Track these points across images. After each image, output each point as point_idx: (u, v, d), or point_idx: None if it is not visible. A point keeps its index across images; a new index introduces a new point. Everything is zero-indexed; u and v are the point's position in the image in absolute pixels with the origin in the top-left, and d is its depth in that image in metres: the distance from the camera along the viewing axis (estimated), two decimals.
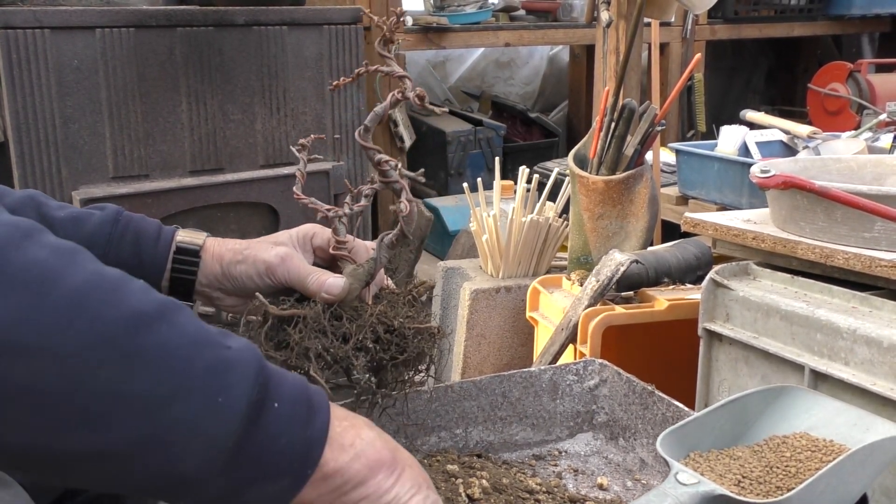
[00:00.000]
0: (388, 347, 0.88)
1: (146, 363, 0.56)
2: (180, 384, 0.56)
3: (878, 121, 2.77)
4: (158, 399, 0.56)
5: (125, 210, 0.97)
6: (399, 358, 0.88)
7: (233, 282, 0.95)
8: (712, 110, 4.16)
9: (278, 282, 0.93)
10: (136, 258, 0.94)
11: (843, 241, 1.14)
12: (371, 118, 0.90)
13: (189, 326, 0.59)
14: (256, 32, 2.01)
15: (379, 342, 0.87)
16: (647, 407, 1.07)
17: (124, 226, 0.94)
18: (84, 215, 0.94)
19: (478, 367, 1.77)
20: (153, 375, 0.56)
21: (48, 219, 0.91)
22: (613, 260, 1.41)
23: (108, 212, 0.95)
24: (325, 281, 0.90)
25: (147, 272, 0.94)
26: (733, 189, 2.42)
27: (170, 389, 0.56)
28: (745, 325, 1.16)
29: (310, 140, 0.96)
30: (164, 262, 0.95)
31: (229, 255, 0.95)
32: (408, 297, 0.93)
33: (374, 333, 0.87)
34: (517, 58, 4.54)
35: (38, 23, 1.78)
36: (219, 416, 0.57)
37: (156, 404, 0.56)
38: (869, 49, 4.71)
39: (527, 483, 1.00)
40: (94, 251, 0.89)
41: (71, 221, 0.92)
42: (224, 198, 1.98)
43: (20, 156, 1.81)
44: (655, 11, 1.95)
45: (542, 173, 2.02)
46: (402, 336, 0.88)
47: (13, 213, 0.89)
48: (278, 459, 0.59)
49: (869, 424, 0.87)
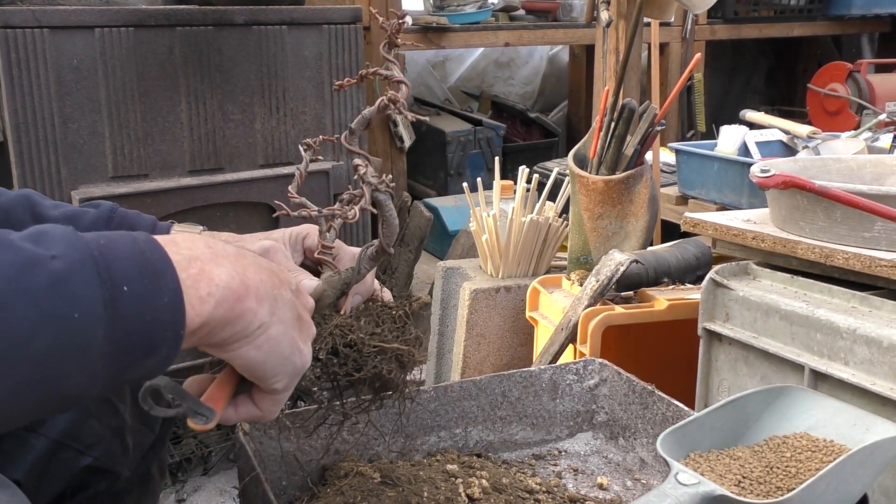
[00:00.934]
0: (344, 362, 0.81)
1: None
2: (31, 319, 0.54)
3: (878, 121, 2.77)
4: (18, 341, 0.54)
5: (119, 207, 0.97)
6: (354, 376, 0.81)
7: None
8: (712, 110, 4.16)
9: None
10: None
11: (842, 240, 1.14)
12: (358, 121, 0.88)
13: (5, 256, 0.55)
14: (256, 32, 2.01)
15: (336, 355, 0.81)
16: (647, 407, 1.07)
17: (119, 222, 0.94)
18: (79, 213, 0.94)
19: (477, 366, 1.77)
20: (1, 324, 0.54)
21: (43, 218, 0.92)
22: (613, 260, 1.40)
23: (102, 209, 0.95)
24: (299, 282, 0.86)
25: None
26: (733, 189, 2.42)
27: (25, 328, 0.54)
28: (744, 324, 1.16)
29: (317, 141, 0.93)
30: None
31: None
32: (399, 312, 0.88)
33: (332, 345, 0.81)
34: (517, 58, 4.54)
35: (37, 22, 1.77)
36: (81, 330, 0.56)
37: (17, 346, 0.54)
38: (868, 49, 4.71)
39: (526, 483, 1.00)
40: None
41: (65, 220, 0.92)
42: (223, 197, 1.98)
43: (19, 155, 1.81)
44: (655, 11, 1.94)
45: (542, 173, 2.02)
46: (360, 352, 0.82)
47: (8, 213, 0.89)
48: (148, 336, 0.59)
49: (869, 424, 0.87)
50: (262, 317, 0.66)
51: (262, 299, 0.66)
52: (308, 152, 0.93)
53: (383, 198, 0.85)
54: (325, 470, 0.98)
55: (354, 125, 0.87)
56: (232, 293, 0.64)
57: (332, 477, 0.95)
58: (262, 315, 0.66)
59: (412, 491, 0.91)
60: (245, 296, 0.65)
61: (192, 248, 0.65)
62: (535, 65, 4.57)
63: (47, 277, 0.55)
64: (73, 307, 0.56)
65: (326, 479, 0.96)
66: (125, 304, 0.58)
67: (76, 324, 0.56)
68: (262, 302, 0.66)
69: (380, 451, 1.03)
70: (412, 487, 0.91)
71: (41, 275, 0.55)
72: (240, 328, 0.65)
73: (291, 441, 0.97)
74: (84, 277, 0.57)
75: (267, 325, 0.67)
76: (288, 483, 0.97)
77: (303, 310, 0.73)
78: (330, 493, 0.91)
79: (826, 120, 3.45)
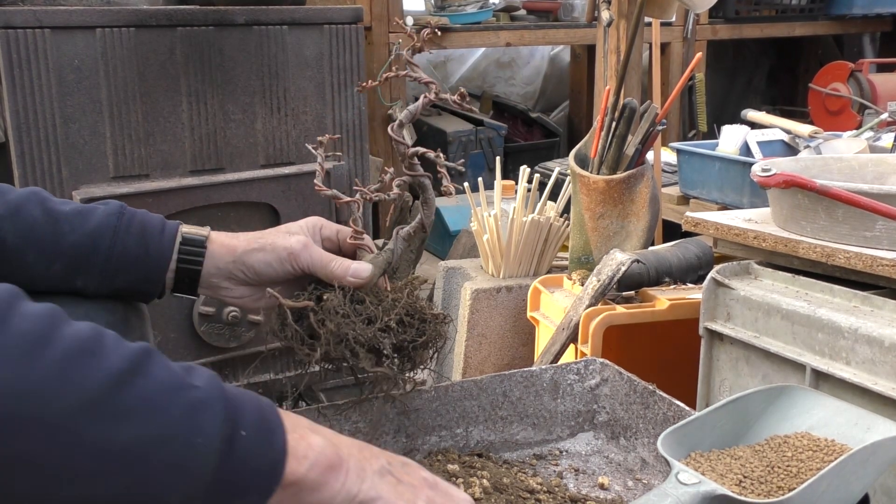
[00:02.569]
0: (408, 330, 0.92)
1: (128, 418, 0.60)
2: (161, 432, 0.60)
3: (880, 120, 2.76)
4: (142, 449, 0.60)
5: (128, 206, 0.98)
6: (419, 340, 0.92)
7: (248, 270, 0.96)
8: (713, 110, 4.16)
9: (300, 268, 0.95)
10: (143, 249, 0.94)
11: (844, 240, 1.14)
12: (405, 115, 1.00)
13: (161, 373, 0.63)
14: (257, 32, 2.01)
15: (401, 324, 0.91)
16: (648, 406, 1.07)
17: (129, 218, 0.95)
18: (89, 209, 0.95)
19: (479, 366, 1.77)
20: (136, 428, 0.60)
21: (54, 213, 0.92)
22: (614, 259, 1.40)
23: (111, 206, 0.96)
24: (349, 266, 0.93)
25: (153, 264, 0.95)
26: (734, 189, 2.42)
27: (152, 438, 0.60)
28: (746, 324, 1.16)
29: (326, 138, 1.01)
30: (170, 253, 0.96)
31: (244, 244, 0.97)
32: (407, 288, 0.96)
33: (398, 316, 0.91)
34: (518, 58, 4.53)
35: (38, 22, 1.77)
36: (197, 455, 0.61)
37: (140, 454, 0.60)
38: (870, 49, 4.70)
39: (527, 483, 0.99)
40: (101, 243, 0.92)
41: (76, 216, 0.93)
42: (224, 197, 1.98)
43: (20, 155, 1.81)
44: (656, 11, 1.94)
45: (543, 173, 2.02)
46: (422, 319, 0.93)
47: (17, 209, 0.90)
48: (248, 480, 0.64)
49: (870, 424, 0.87)
50: (349, 488, 0.69)
51: (351, 471, 0.70)
52: (320, 149, 1.00)
53: (427, 182, 1.00)
54: None
55: (403, 118, 1.00)
56: (325, 458, 0.68)
57: None
58: (349, 485, 0.69)
59: None
60: (338, 465, 0.69)
61: (297, 419, 0.71)
62: (536, 65, 4.57)
63: (187, 403, 0.63)
64: (197, 433, 0.62)
65: None
66: (238, 446, 0.64)
67: (195, 448, 0.62)
68: (351, 474, 0.70)
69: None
70: None
71: (183, 401, 0.63)
72: (327, 496, 0.68)
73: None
74: (213, 410, 0.63)
75: (354, 494, 0.69)
76: None
77: (415, 479, 0.75)
78: None
79: (828, 119, 3.44)
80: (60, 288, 0.92)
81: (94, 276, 0.92)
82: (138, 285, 0.96)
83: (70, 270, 0.92)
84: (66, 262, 0.91)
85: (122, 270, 0.93)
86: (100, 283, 0.93)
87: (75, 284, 0.93)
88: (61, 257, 0.91)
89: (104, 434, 0.59)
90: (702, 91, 3.74)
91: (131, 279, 0.94)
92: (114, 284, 0.94)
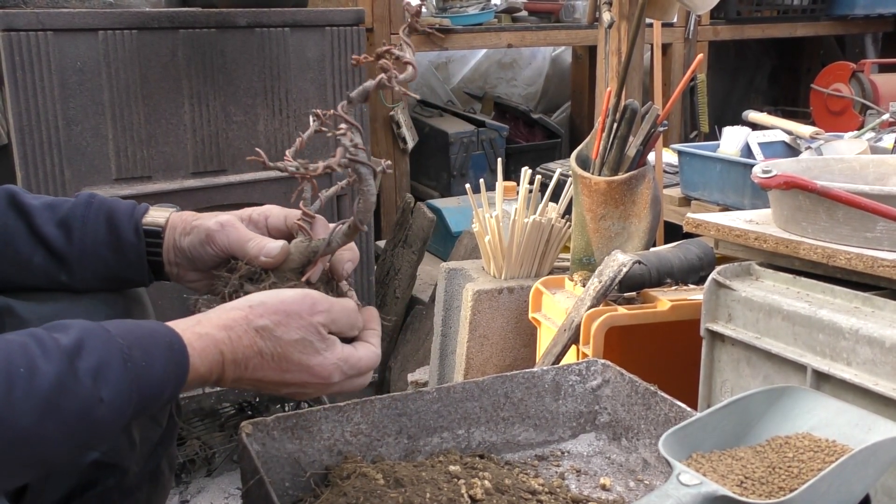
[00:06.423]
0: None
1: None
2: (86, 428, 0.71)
3: (881, 121, 2.76)
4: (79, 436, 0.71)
5: (98, 194, 0.97)
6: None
7: (180, 254, 0.95)
8: (715, 111, 4.15)
9: (219, 249, 0.92)
10: (114, 237, 0.94)
11: (845, 241, 1.14)
12: (358, 92, 0.86)
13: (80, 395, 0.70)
14: (259, 34, 2.01)
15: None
16: (650, 407, 1.07)
17: (97, 208, 0.95)
18: (59, 202, 0.95)
19: (480, 367, 1.77)
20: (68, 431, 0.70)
21: (24, 206, 0.93)
22: (616, 261, 1.41)
23: (81, 197, 0.96)
24: (264, 245, 0.90)
25: (127, 253, 0.94)
26: (735, 190, 2.42)
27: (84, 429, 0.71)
28: (747, 325, 1.16)
29: (327, 114, 0.92)
30: (139, 242, 0.95)
31: (180, 228, 0.95)
32: (328, 285, 0.92)
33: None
34: (520, 59, 4.53)
35: (40, 25, 1.78)
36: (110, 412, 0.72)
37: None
38: (872, 49, 4.70)
39: (529, 484, 1.00)
40: (72, 233, 0.93)
41: (46, 208, 0.94)
42: (226, 199, 1.99)
43: (23, 157, 1.81)
44: (657, 12, 1.94)
45: (545, 174, 2.02)
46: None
47: None
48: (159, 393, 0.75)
49: (871, 425, 0.87)
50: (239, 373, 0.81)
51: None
52: (316, 122, 0.91)
53: (365, 171, 0.82)
54: (328, 471, 0.98)
55: (354, 95, 0.86)
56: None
57: (335, 478, 0.95)
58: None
59: (415, 492, 0.91)
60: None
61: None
62: (537, 66, 4.57)
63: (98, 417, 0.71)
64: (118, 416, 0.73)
65: (329, 480, 0.96)
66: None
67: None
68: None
69: (383, 452, 1.03)
70: (415, 488, 0.92)
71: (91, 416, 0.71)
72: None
73: (295, 443, 0.97)
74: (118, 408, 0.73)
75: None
76: (291, 484, 0.97)
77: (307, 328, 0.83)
78: (333, 495, 0.91)
79: (829, 120, 3.44)
80: (49, 283, 0.93)
81: (73, 266, 0.93)
82: (124, 272, 0.95)
83: (50, 263, 0.92)
84: (45, 255, 0.92)
85: (98, 259, 0.93)
86: (82, 273, 0.93)
87: (60, 278, 0.93)
88: (38, 250, 0.92)
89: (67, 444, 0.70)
90: (703, 92, 3.74)
91: (112, 266, 0.94)
92: (98, 274, 0.94)
